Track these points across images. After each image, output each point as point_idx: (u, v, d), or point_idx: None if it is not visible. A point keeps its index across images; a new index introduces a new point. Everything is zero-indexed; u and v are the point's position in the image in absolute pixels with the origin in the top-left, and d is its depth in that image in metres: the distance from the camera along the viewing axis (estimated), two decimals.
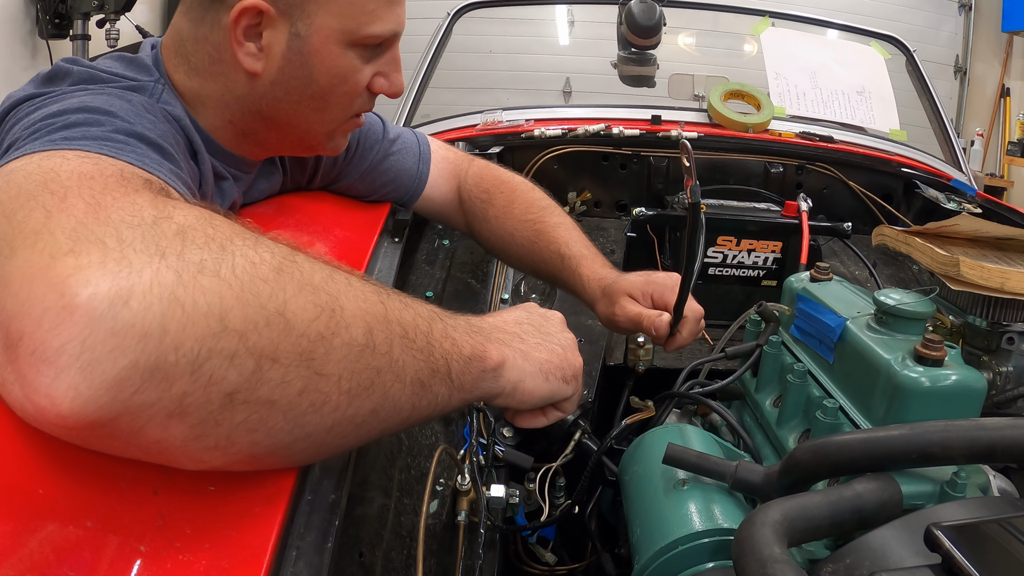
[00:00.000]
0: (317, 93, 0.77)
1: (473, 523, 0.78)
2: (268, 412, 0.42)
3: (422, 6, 3.11)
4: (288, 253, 0.47)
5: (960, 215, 0.97)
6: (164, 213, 0.44)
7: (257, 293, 0.42)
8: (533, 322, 0.70)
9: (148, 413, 0.38)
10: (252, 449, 0.44)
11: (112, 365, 0.36)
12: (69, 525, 0.38)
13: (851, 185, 1.72)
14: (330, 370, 0.45)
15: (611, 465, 0.86)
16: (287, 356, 0.42)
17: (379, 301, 0.50)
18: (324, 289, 0.46)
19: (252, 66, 0.73)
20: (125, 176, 0.50)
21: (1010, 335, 0.84)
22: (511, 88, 4.59)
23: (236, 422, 0.41)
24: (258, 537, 0.44)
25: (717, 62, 3.73)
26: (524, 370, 0.64)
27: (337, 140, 0.86)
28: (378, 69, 0.81)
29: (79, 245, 0.39)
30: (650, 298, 0.93)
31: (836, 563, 0.50)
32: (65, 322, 0.36)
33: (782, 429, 0.79)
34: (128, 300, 0.37)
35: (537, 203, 1.08)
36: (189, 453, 0.42)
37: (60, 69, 0.70)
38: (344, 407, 0.46)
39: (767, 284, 1.42)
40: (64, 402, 0.36)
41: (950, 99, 5.65)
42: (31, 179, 0.46)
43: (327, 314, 0.45)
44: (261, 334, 0.41)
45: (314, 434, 0.46)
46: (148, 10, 3.59)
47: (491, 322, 0.66)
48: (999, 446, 0.53)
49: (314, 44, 0.74)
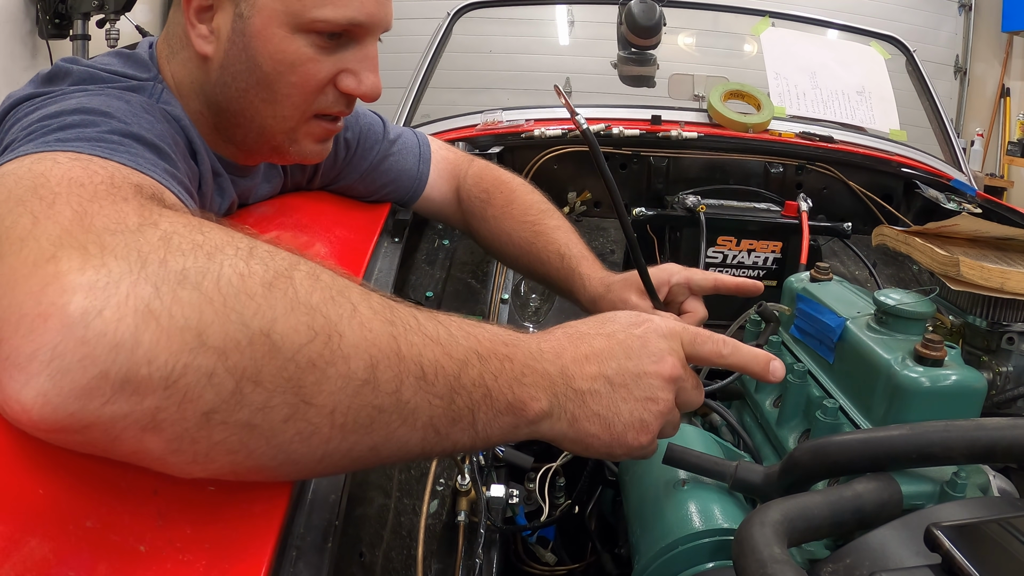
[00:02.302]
0: (263, 80, 0.73)
1: (473, 523, 0.78)
2: (249, 435, 0.40)
3: (422, 6, 3.12)
4: (286, 268, 0.43)
5: (960, 215, 0.97)
6: (149, 220, 0.43)
7: (241, 310, 0.39)
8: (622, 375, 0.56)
9: (120, 425, 0.37)
10: (233, 467, 0.42)
11: (82, 374, 0.36)
12: (69, 525, 0.38)
13: (851, 185, 1.72)
14: (321, 401, 0.41)
15: (611, 465, 0.86)
16: (271, 380, 0.40)
17: (391, 335, 0.44)
18: (321, 312, 0.42)
19: (203, 48, 0.72)
20: (115, 182, 0.49)
21: (1010, 335, 0.84)
22: (511, 88, 4.59)
23: (214, 441, 0.40)
24: (258, 537, 0.44)
25: (717, 62, 3.74)
26: (564, 433, 0.54)
27: (303, 144, 0.80)
28: (345, 65, 0.75)
29: (60, 252, 0.39)
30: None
31: (836, 563, 0.50)
32: (39, 329, 0.36)
33: (782, 429, 0.79)
34: (102, 310, 0.36)
35: (536, 205, 1.07)
36: (168, 465, 0.41)
37: (60, 69, 0.70)
38: (337, 440, 0.43)
39: (767, 284, 1.42)
40: (34, 408, 0.36)
41: (950, 99, 5.65)
42: (21, 183, 0.46)
43: (321, 340, 0.41)
44: (243, 353, 0.39)
45: (301, 462, 0.43)
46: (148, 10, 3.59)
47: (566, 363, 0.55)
48: (999, 446, 0.53)
49: (255, 25, 0.70)
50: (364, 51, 0.76)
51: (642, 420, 0.56)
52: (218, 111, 0.77)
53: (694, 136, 1.71)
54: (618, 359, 0.56)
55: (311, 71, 0.73)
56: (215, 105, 0.76)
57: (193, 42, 0.72)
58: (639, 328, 0.59)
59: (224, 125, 0.78)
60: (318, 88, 0.75)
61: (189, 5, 0.71)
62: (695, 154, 1.72)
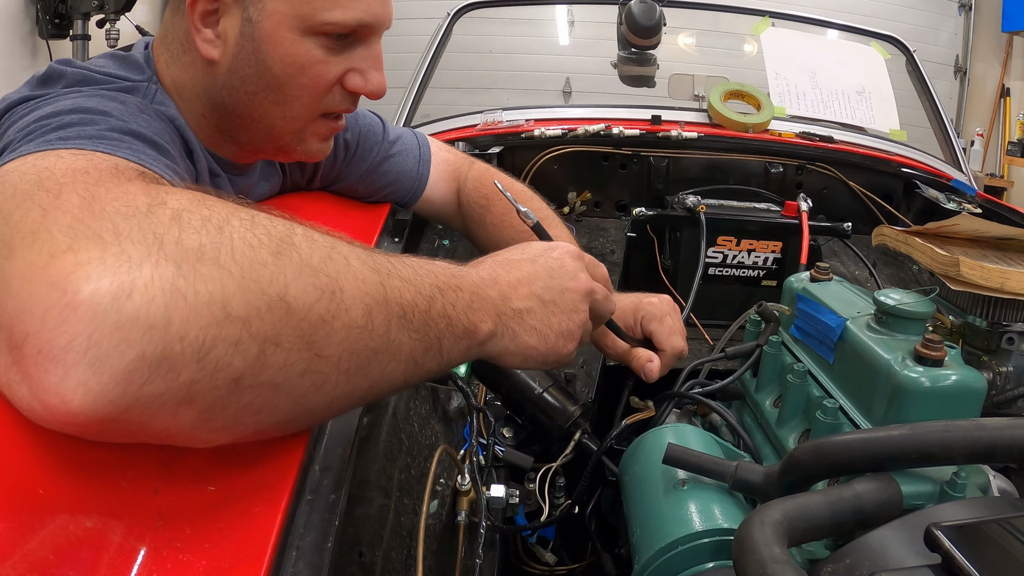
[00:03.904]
0: (273, 83, 0.74)
1: (473, 523, 0.78)
2: (272, 394, 0.43)
3: (422, 6, 3.13)
4: (285, 233, 0.46)
5: (960, 215, 0.97)
6: (158, 199, 0.44)
7: (258, 279, 0.42)
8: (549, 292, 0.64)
9: (158, 403, 0.39)
10: (257, 427, 0.45)
11: (120, 358, 0.37)
12: (69, 525, 0.38)
13: (851, 185, 1.72)
14: (330, 352, 0.45)
15: (611, 465, 0.86)
16: (289, 340, 0.43)
17: (379, 282, 0.49)
18: (323, 271, 0.46)
19: (209, 52, 0.72)
20: (119, 168, 0.50)
21: (1010, 335, 0.84)
22: (511, 88, 4.59)
23: (242, 404, 0.42)
24: (258, 537, 0.44)
25: (717, 62, 3.74)
26: (506, 348, 0.62)
27: (310, 142, 0.82)
28: (352, 65, 0.77)
29: (77, 242, 0.39)
30: (639, 324, 0.90)
31: (836, 563, 0.50)
32: (69, 319, 0.36)
33: (782, 429, 0.79)
34: (131, 293, 0.37)
35: (537, 213, 1.07)
36: (196, 436, 0.43)
37: (54, 71, 0.70)
38: (343, 385, 0.47)
39: (767, 284, 1.43)
40: (75, 399, 0.37)
41: (950, 99, 5.65)
42: (26, 179, 0.46)
43: (327, 297, 0.45)
44: (264, 320, 0.41)
45: (314, 410, 0.47)
46: (148, 10, 3.59)
47: (503, 288, 0.62)
48: (999, 446, 0.53)
49: (265, 29, 0.71)
50: (370, 50, 0.77)
51: (568, 330, 0.65)
52: (224, 113, 0.77)
53: (694, 136, 1.70)
54: (543, 279, 0.65)
55: (320, 72, 0.75)
56: (221, 107, 0.76)
57: (199, 46, 0.72)
58: (555, 251, 0.67)
59: (229, 126, 0.78)
60: (327, 88, 0.77)
61: (193, 10, 0.70)
62: (695, 154, 1.72)
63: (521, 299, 0.63)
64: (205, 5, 0.70)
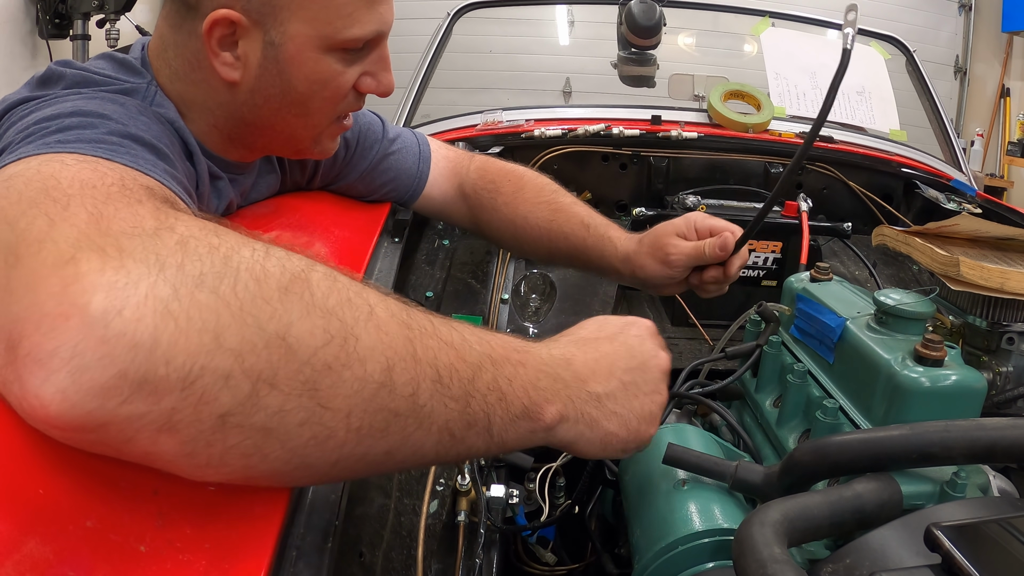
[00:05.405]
0: (297, 100, 0.76)
1: (473, 523, 0.78)
2: (264, 439, 0.40)
3: (422, 6, 3.12)
4: (301, 271, 0.43)
5: (960, 215, 0.97)
6: (166, 224, 0.43)
7: (257, 314, 0.40)
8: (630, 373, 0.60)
9: (137, 425, 0.38)
10: (246, 472, 0.42)
11: (101, 372, 0.36)
12: (69, 525, 0.38)
13: (851, 185, 1.72)
14: (337, 405, 0.42)
15: (611, 465, 0.86)
16: (287, 383, 0.40)
17: (407, 337, 0.45)
18: (337, 315, 0.42)
19: (229, 75, 0.73)
20: (126, 184, 0.49)
21: (1010, 335, 0.84)
22: (511, 88, 4.59)
23: (229, 444, 0.40)
24: (258, 537, 0.44)
25: (717, 62, 3.74)
26: (582, 435, 0.56)
27: (324, 143, 0.85)
28: (364, 69, 0.79)
29: (80, 254, 0.39)
30: (694, 231, 0.94)
31: (836, 563, 0.50)
32: (60, 327, 0.37)
33: (782, 429, 0.79)
34: (122, 310, 0.37)
35: (548, 187, 1.09)
36: (180, 467, 0.41)
37: (53, 72, 0.70)
38: (352, 445, 0.43)
39: (767, 284, 1.43)
40: (52, 404, 0.37)
41: (950, 99, 5.65)
42: (31, 185, 0.46)
43: (338, 343, 0.42)
44: (259, 356, 0.39)
45: (315, 466, 0.43)
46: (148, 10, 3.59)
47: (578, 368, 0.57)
48: (999, 446, 0.53)
49: (289, 52, 0.72)
50: (380, 53, 0.80)
51: (651, 412, 0.61)
52: (243, 125, 0.78)
53: (694, 136, 1.70)
54: (624, 359, 0.60)
55: (340, 83, 0.77)
56: (240, 121, 0.78)
57: (218, 70, 0.72)
58: (634, 328, 0.64)
59: (245, 135, 0.80)
60: (344, 96, 0.79)
61: (211, 37, 0.70)
62: (695, 154, 1.72)
63: (600, 382, 0.58)
64: (222, 31, 0.70)
